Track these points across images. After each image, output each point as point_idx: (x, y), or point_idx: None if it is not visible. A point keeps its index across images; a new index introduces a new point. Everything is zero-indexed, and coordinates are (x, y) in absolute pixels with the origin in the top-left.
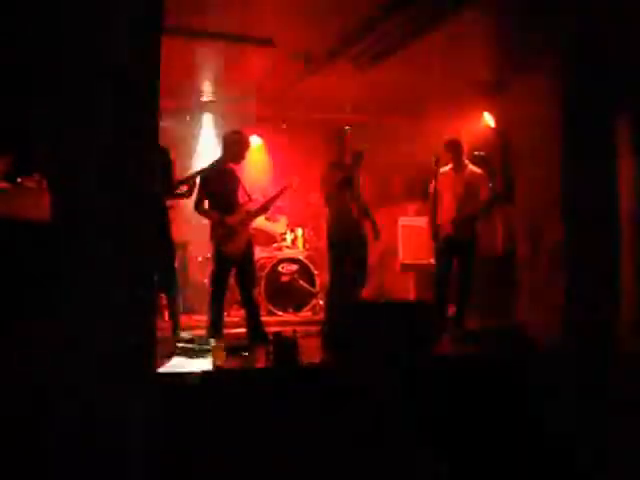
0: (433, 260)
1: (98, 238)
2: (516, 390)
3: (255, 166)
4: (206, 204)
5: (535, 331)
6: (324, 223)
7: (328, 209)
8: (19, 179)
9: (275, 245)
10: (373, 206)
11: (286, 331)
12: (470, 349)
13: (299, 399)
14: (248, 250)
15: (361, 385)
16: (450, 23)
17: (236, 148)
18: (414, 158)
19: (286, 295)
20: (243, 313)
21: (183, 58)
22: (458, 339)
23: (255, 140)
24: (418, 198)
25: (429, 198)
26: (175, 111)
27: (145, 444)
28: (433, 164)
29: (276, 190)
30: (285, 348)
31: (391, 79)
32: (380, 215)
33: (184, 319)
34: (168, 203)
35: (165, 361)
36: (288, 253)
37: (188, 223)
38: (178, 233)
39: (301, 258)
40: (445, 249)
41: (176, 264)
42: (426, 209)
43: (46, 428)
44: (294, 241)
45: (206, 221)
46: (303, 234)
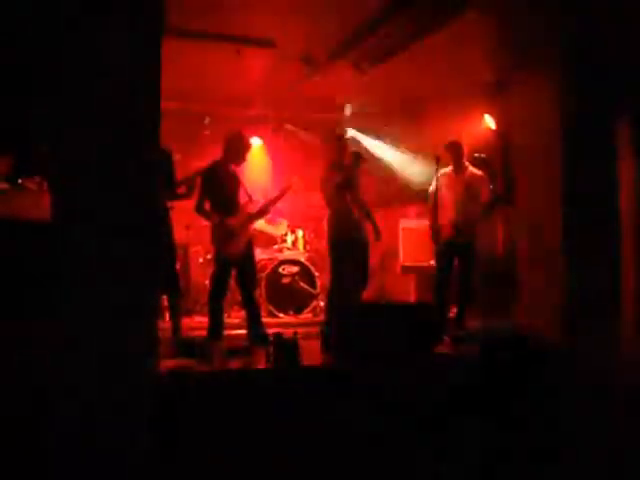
0: (434, 262)
1: (98, 238)
2: (516, 390)
3: (256, 167)
4: (207, 205)
5: (536, 332)
6: (325, 224)
7: (328, 210)
8: (19, 180)
9: (276, 247)
10: (373, 208)
11: (287, 332)
12: (471, 350)
13: (299, 400)
14: (249, 251)
15: (362, 386)
16: (450, 24)
17: (237, 149)
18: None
19: (287, 297)
20: (244, 314)
21: (184, 59)
22: (459, 340)
23: (255, 141)
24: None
25: (430, 200)
26: (176, 112)
27: (145, 445)
28: (434, 165)
29: (277, 191)
30: (285, 349)
31: (391, 80)
32: (380, 217)
33: (185, 320)
34: (169, 204)
35: (166, 362)
36: (289, 255)
37: (189, 224)
38: (179, 234)
39: (302, 260)
40: (446, 251)
41: (177, 265)
42: (427, 211)
43: (46, 428)
44: (295, 243)
45: (207, 222)
46: (304, 236)
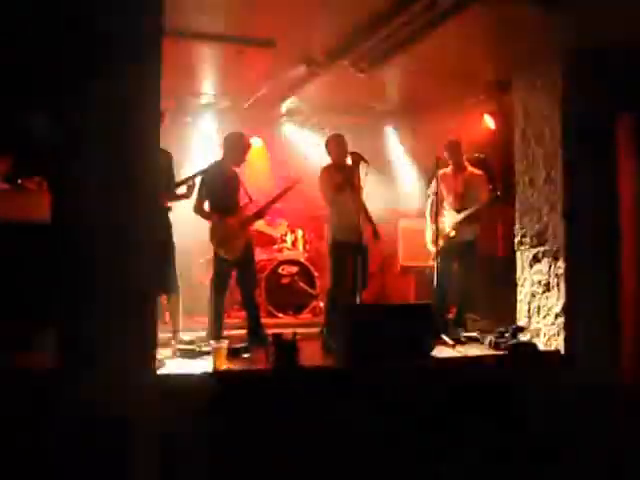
0: (433, 262)
1: (98, 239)
2: (516, 391)
3: (256, 167)
4: (206, 205)
5: (536, 332)
6: (324, 225)
7: (328, 211)
8: (20, 180)
9: (275, 247)
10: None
11: (286, 333)
12: (470, 351)
13: (299, 401)
14: (248, 252)
15: (362, 387)
16: (450, 25)
17: (237, 150)
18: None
19: (286, 297)
20: (243, 315)
21: (184, 59)
22: (458, 341)
23: (256, 141)
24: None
25: (429, 200)
26: (177, 112)
27: (145, 445)
28: (434, 165)
29: (278, 190)
30: (285, 350)
31: (391, 81)
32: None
33: (184, 320)
34: (168, 204)
35: (166, 363)
36: (288, 255)
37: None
38: (179, 234)
39: (301, 260)
40: (445, 251)
41: (177, 265)
42: (426, 211)
43: (46, 428)
44: (294, 243)
45: (206, 222)
46: (303, 236)
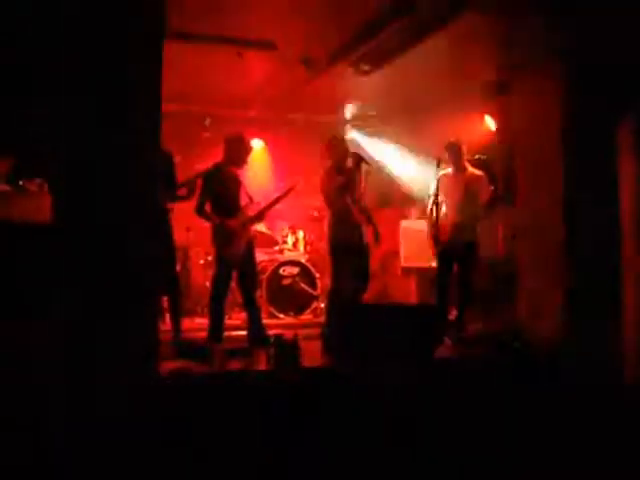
0: (434, 263)
1: (98, 240)
2: (517, 391)
3: (257, 169)
4: (208, 207)
5: (536, 333)
6: (325, 226)
7: (328, 212)
8: (20, 182)
9: (276, 248)
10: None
11: (287, 334)
12: (471, 352)
13: (300, 402)
14: (249, 253)
15: (362, 388)
16: (450, 26)
17: (237, 152)
18: None
19: (287, 298)
20: (244, 316)
21: (185, 61)
22: (459, 342)
23: (257, 143)
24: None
25: (430, 201)
26: (177, 114)
27: (145, 445)
28: (435, 167)
29: (279, 192)
30: (286, 351)
31: (392, 82)
32: (381, 218)
33: (185, 322)
34: (169, 205)
35: (167, 364)
36: (289, 256)
37: (189, 226)
38: (179, 236)
39: (302, 261)
40: (446, 252)
41: (177, 266)
42: (427, 212)
43: (46, 428)
44: (295, 244)
45: (208, 224)
46: (304, 237)
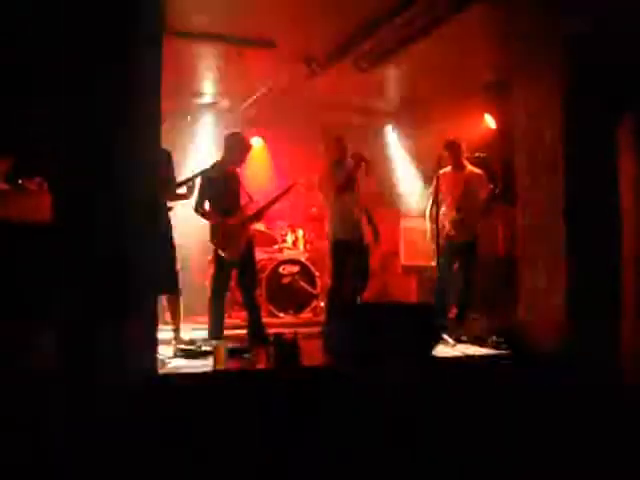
0: (435, 262)
1: (98, 240)
2: (517, 391)
3: (257, 168)
4: (207, 206)
5: (536, 332)
6: (325, 225)
7: (329, 211)
8: (20, 181)
9: (276, 246)
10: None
11: (287, 332)
12: (471, 350)
13: (300, 401)
14: (249, 252)
15: (362, 387)
16: (451, 24)
17: (236, 151)
18: None
19: (287, 296)
20: (244, 315)
21: (185, 59)
22: (459, 340)
23: (256, 142)
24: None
25: (430, 199)
26: (177, 112)
27: (145, 446)
28: (434, 165)
29: (279, 190)
30: (286, 349)
31: (392, 80)
32: (381, 217)
33: (185, 320)
34: (169, 204)
35: (166, 363)
36: (289, 254)
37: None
38: (179, 234)
39: (302, 259)
40: (446, 251)
41: (177, 265)
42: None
43: (46, 428)
44: (295, 242)
45: (207, 222)
46: (304, 235)
